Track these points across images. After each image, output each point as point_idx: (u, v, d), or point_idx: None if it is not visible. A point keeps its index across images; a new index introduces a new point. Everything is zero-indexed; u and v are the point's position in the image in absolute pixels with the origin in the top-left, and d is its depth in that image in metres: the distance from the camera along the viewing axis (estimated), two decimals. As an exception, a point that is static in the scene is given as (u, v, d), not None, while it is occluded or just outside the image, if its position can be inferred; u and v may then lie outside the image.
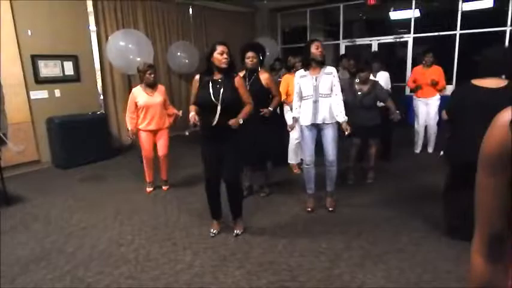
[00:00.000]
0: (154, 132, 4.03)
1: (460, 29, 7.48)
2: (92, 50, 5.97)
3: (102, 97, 6.18)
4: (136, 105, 3.90)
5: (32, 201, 4.08)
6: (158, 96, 3.96)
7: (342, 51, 9.07)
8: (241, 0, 8.82)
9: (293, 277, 2.44)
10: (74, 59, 5.74)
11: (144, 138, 4.00)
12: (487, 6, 7.53)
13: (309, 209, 3.46)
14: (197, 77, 2.85)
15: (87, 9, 5.86)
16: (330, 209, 3.46)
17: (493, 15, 7.52)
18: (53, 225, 3.41)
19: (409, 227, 3.09)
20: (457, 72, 7.60)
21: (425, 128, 5.37)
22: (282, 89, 4.28)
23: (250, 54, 3.56)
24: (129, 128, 3.94)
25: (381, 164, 4.73)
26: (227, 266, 2.59)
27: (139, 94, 3.90)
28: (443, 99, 5.20)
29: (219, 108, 2.69)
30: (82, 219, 3.54)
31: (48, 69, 5.45)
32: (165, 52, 7.09)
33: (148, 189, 4.23)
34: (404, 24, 8.33)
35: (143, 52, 5.25)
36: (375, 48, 8.69)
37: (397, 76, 8.49)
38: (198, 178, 4.12)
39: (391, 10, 8.85)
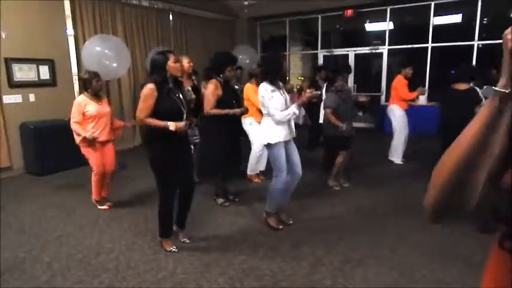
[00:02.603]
0: (102, 144, 3.72)
1: (432, 42, 7.84)
2: (69, 54, 5.84)
3: (78, 102, 6.02)
4: (83, 116, 3.57)
5: (5, 208, 3.93)
6: (106, 106, 3.75)
7: (320, 60, 9.29)
8: (222, 8, 8.90)
9: (275, 282, 2.48)
10: (50, 63, 5.60)
11: (95, 152, 3.66)
12: (456, 21, 7.95)
13: (281, 227, 3.30)
14: (152, 85, 2.61)
15: (64, 13, 5.74)
16: (291, 222, 3.40)
17: (461, 30, 7.94)
18: (28, 234, 3.29)
19: (387, 232, 3.20)
20: (429, 81, 7.94)
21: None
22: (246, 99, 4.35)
23: (231, 68, 3.67)
24: (85, 134, 3.52)
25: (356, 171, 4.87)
26: (210, 273, 2.59)
27: (88, 103, 3.58)
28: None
29: (185, 116, 2.73)
30: (58, 227, 3.43)
31: (22, 73, 5.28)
32: (144, 58, 7.03)
33: (103, 206, 3.88)
34: (379, 36, 8.65)
35: (120, 58, 5.19)
36: (351, 58, 8.95)
37: (373, 86, 8.81)
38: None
39: (367, 22, 9.19)
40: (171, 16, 7.69)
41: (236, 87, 5.00)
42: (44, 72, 5.54)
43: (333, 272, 2.59)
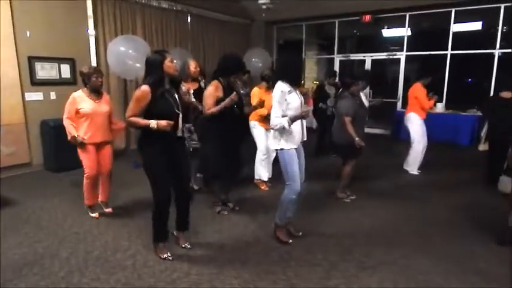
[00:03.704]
0: (97, 146, 3.52)
1: (451, 50, 7.72)
2: (89, 53, 5.97)
3: (97, 101, 6.14)
4: (77, 113, 3.39)
5: (23, 204, 4.02)
6: (105, 105, 3.50)
7: (337, 65, 9.25)
8: (239, 11, 8.95)
9: (291, 286, 2.47)
10: (71, 62, 5.72)
11: (88, 153, 3.45)
12: (476, 28, 7.82)
13: (291, 241, 3.11)
14: (147, 88, 2.52)
15: (86, 13, 5.86)
16: (300, 234, 3.24)
17: (482, 38, 7.81)
18: (45, 230, 3.36)
19: (402, 240, 3.16)
20: (447, 90, 7.82)
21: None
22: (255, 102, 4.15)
23: (237, 75, 3.57)
24: (75, 134, 3.37)
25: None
26: (224, 275, 2.60)
27: (83, 100, 3.38)
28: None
29: (180, 117, 2.67)
30: (75, 224, 3.50)
31: (44, 71, 5.41)
32: (162, 59, 7.11)
33: (94, 214, 3.66)
34: (397, 42, 8.57)
35: (142, 58, 5.26)
36: (368, 64, 8.89)
37: (389, 92, 8.72)
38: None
39: (385, 28, 9.11)
40: (189, 18, 7.77)
41: (242, 91, 4.97)
42: (65, 70, 5.66)
43: (348, 278, 2.56)
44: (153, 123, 2.50)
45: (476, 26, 7.82)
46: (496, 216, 3.44)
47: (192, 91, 3.79)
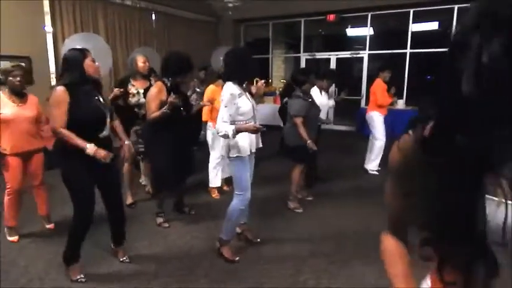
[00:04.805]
0: (24, 156, 3.03)
1: (411, 48, 8.07)
2: (47, 51, 5.70)
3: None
4: None
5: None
6: (31, 109, 3.00)
7: (303, 64, 9.40)
8: (205, 9, 8.88)
9: (260, 284, 2.49)
10: (27, 60, 5.44)
11: (12, 165, 2.95)
12: (433, 28, 8.22)
13: (237, 258, 2.80)
14: (62, 89, 2.25)
15: (43, 9, 5.60)
16: (258, 240, 3.06)
17: (439, 37, 8.22)
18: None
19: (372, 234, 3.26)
20: (407, 87, 8.17)
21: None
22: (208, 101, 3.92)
23: (184, 76, 3.29)
24: None
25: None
26: (194, 275, 2.58)
27: (5, 104, 2.89)
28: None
29: (108, 121, 2.43)
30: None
31: (-3, 70, 5.11)
32: (126, 57, 6.93)
33: (13, 237, 3.10)
34: (360, 41, 8.85)
35: (102, 57, 5.11)
36: (333, 62, 9.10)
37: (354, 90, 8.99)
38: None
39: (349, 27, 9.37)
40: (153, 16, 7.62)
41: (198, 89, 4.86)
42: (21, 70, 5.37)
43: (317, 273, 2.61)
44: (90, 148, 2.23)
45: (433, 26, 8.22)
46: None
47: (142, 91, 3.60)
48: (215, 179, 4.16)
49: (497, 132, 0.57)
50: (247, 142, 2.63)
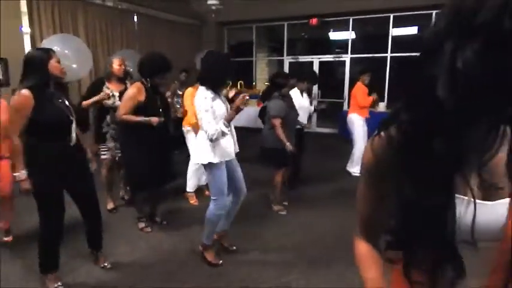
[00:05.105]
0: None
1: (391, 52, 8.24)
2: (24, 53, 5.54)
3: (35, 104, 5.73)
4: None
5: None
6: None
7: (286, 67, 9.46)
8: (189, 12, 8.84)
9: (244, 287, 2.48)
10: (3, 62, 5.28)
11: None
12: (413, 33, 8.42)
13: (221, 262, 2.77)
14: (27, 92, 2.12)
15: (20, 9, 5.46)
16: (234, 248, 2.99)
17: (418, 42, 8.41)
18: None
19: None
20: (388, 90, 8.33)
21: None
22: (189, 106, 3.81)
23: (163, 76, 3.19)
24: None
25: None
26: (176, 280, 2.55)
27: None
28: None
29: (74, 125, 2.33)
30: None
31: (-29, 71, 4.95)
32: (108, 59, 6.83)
33: None
34: (342, 45, 8.98)
35: (81, 59, 5.02)
36: (316, 65, 9.20)
37: (336, 93, 9.11)
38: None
39: (331, 31, 9.50)
40: (135, 17, 7.53)
41: (179, 92, 4.83)
42: (-4, 71, 5.22)
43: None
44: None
45: (413, 30, 8.41)
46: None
47: (117, 94, 3.52)
48: (193, 184, 4.03)
49: (470, 135, 0.59)
50: (224, 147, 2.58)
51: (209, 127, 2.46)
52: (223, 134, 2.48)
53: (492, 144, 0.60)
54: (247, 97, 2.53)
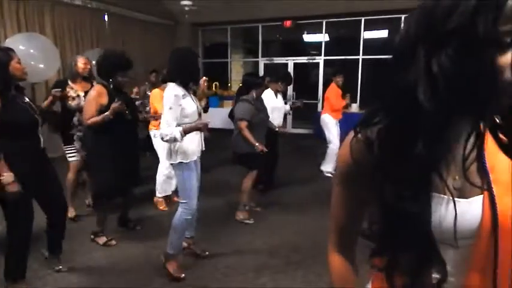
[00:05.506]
0: None
1: (363, 55, 8.45)
2: (-14, 53, 5.28)
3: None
4: None
5: None
6: None
7: (261, 68, 9.50)
8: (162, 12, 8.72)
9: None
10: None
11: None
12: (383, 36, 8.67)
13: (183, 275, 2.58)
14: None
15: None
16: (207, 253, 2.90)
17: (389, 45, 8.67)
18: None
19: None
20: (360, 91, 8.53)
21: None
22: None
23: (123, 73, 3.02)
24: None
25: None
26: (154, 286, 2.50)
27: None
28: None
29: (40, 128, 2.29)
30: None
31: None
32: (77, 60, 6.62)
33: None
34: (316, 47, 9.12)
35: (48, 59, 4.84)
36: (290, 67, 9.29)
37: (311, 94, 9.24)
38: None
39: (305, 33, 9.63)
40: (106, 17, 7.34)
41: (148, 93, 4.58)
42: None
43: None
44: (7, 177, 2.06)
45: (383, 33, 8.66)
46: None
47: (83, 94, 3.38)
48: (163, 189, 3.88)
49: (449, 136, 0.60)
50: (193, 146, 2.52)
51: (165, 127, 2.36)
52: (174, 139, 2.36)
53: (467, 144, 0.62)
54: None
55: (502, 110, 0.66)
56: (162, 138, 2.40)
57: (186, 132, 2.38)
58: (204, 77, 2.82)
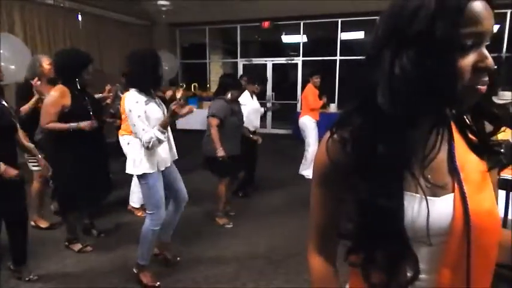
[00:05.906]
0: None
1: (340, 55, 8.59)
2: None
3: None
4: None
5: None
6: None
7: (240, 69, 9.49)
8: (138, 12, 8.56)
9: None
10: None
11: None
12: (359, 37, 8.83)
13: (158, 284, 2.50)
14: None
15: None
16: (178, 259, 2.83)
17: (363, 46, 8.85)
18: None
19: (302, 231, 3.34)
20: (338, 92, 8.66)
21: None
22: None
23: (85, 71, 2.84)
24: None
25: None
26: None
27: None
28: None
29: (18, 127, 2.26)
30: None
31: None
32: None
33: None
34: (294, 48, 9.19)
35: (19, 59, 4.66)
36: (269, 68, 9.33)
37: (290, 95, 9.31)
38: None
39: (283, 34, 9.69)
40: (79, 17, 7.14)
41: (121, 95, 4.54)
42: None
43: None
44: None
45: (360, 35, 8.83)
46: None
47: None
48: (138, 197, 3.67)
49: (412, 136, 0.62)
50: (163, 154, 2.40)
51: (143, 134, 2.22)
52: (159, 141, 2.25)
53: (434, 143, 0.64)
54: (194, 109, 2.34)
55: (470, 110, 0.69)
56: (147, 148, 2.26)
57: (164, 127, 2.26)
58: (181, 86, 2.64)
